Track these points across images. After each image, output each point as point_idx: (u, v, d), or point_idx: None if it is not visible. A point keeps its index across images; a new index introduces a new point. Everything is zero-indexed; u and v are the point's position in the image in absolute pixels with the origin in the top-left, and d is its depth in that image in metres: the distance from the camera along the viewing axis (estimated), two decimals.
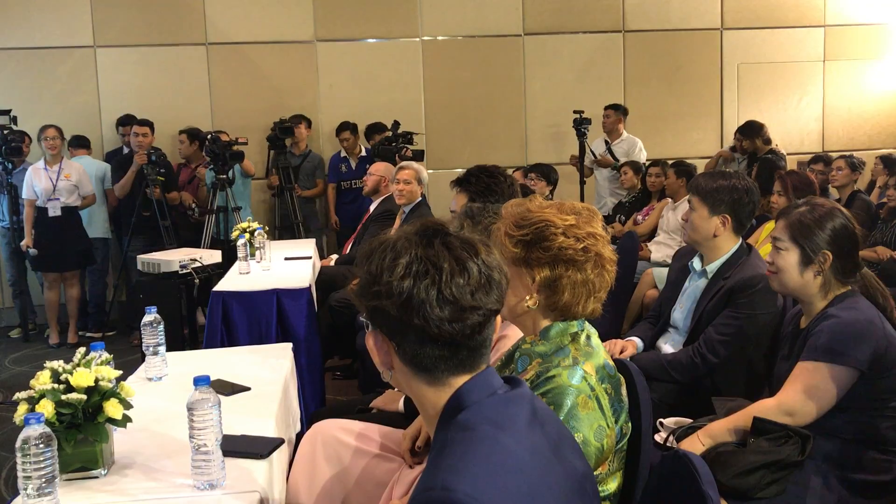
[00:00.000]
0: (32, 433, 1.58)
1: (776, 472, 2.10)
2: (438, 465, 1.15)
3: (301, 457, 2.41)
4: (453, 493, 1.08)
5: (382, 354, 1.29)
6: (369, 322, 1.29)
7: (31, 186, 6.27)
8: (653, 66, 7.96)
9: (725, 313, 2.79)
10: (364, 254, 1.29)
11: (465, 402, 1.23)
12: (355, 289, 1.29)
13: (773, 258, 2.33)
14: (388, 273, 1.22)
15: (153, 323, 2.63)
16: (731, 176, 2.93)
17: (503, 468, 1.14)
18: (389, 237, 1.28)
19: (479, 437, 1.17)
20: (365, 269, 1.26)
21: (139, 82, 7.34)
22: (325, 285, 5.34)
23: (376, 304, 1.23)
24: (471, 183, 2.77)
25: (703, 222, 2.87)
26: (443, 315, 1.20)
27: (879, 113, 8.30)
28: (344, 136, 7.32)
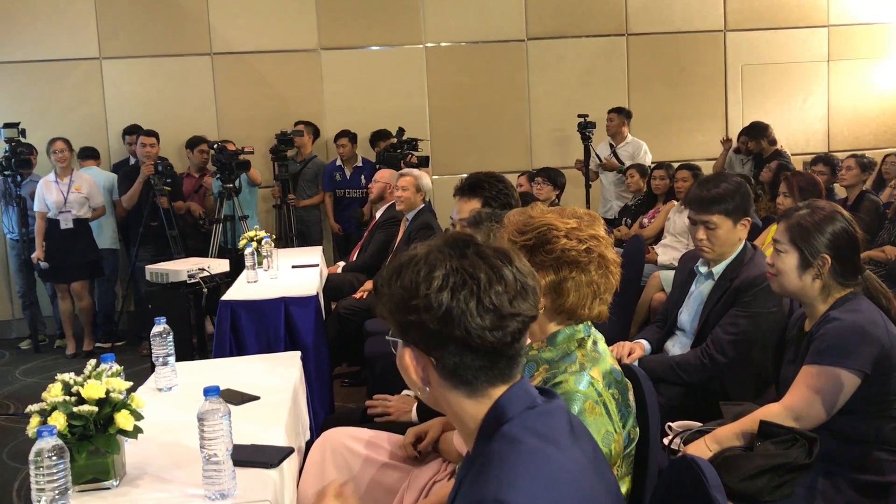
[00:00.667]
0: (45, 446, 1.60)
1: (783, 475, 2.10)
2: (487, 477, 1.14)
3: (311, 465, 2.43)
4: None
5: (419, 371, 1.27)
6: (402, 339, 1.27)
7: (43, 199, 6.33)
8: (656, 68, 7.97)
9: (732, 312, 2.80)
10: (392, 270, 1.27)
11: (507, 414, 1.23)
12: (387, 306, 1.27)
13: (774, 260, 2.34)
14: (424, 286, 1.21)
15: (162, 333, 2.65)
16: (726, 178, 2.96)
17: (555, 481, 1.15)
18: (418, 252, 1.26)
19: (527, 450, 1.17)
20: (397, 285, 1.24)
21: (145, 93, 7.39)
22: (332, 293, 5.37)
23: (414, 318, 1.21)
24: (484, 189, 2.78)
25: (731, 234, 2.87)
26: (484, 324, 1.20)
27: (884, 112, 8.28)
28: (341, 142, 7.27)
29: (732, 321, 2.79)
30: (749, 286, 2.78)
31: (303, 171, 7.37)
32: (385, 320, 1.30)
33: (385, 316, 1.28)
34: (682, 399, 2.84)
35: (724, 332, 2.79)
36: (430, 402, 1.32)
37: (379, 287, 1.29)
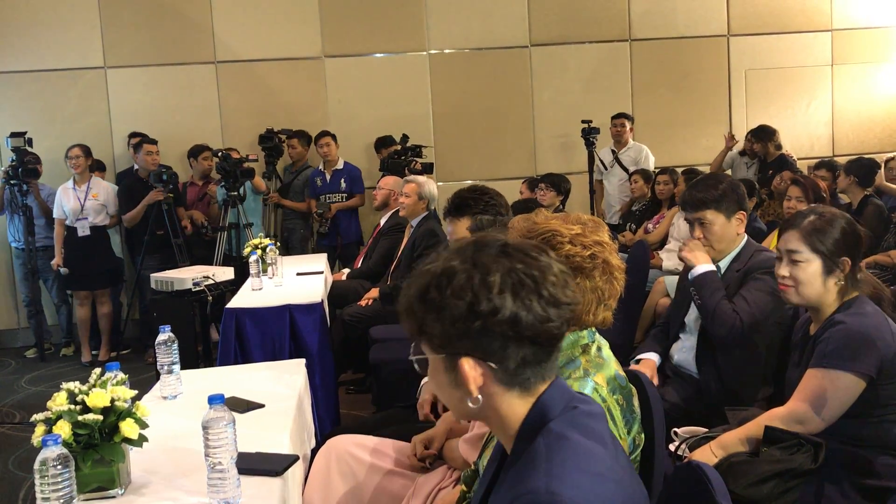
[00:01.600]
0: (50, 455, 1.60)
1: (789, 480, 2.10)
2: (536, 470, 1.15)
3: (316, 473, 2.43)
4: (559, 497, 1.09)
5: (478, 380, 1.24)
6: (455, 351, 1.23)
7: (61, 206, 6.39)
8: (660, 74, 7.97)
9: (748, 286, 2.79)
10: (426, 285, 1.24)
11: (552, 411, 1.24)
12: (438, 322, 1.22)
13: (791, 272, 2.28)
14: (485, 292, 1.20)
15: (167, 342, 2.66)
16: (719, 177, 3.02)
17: (602, 478, 1.15)
18: (449, 265, 1.24)
19: (576, 446, 1.18)
20: (449, 296, 1.21)
21: (150, 101, 7.41)
22: (337, 300, 5.37)
23: (479, 325, 1.20)
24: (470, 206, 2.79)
25: (726, 229, 2.89)
26: (547, 316, 1.21)
27: (889, 116, 8.27)
28: (324, 141, 7.14)
29: (749, 292, 2.77)
30: (758, 267, 2.80)
31: (293, 181, 7.33)
32: (421, 338, 1.26)
33: (430, 333, 1.24)
34: (687, 404, 2.83)
35: (743, 303, 2.76)
36: (470, 415, 1.30)
37: (413, 306, 1.25)
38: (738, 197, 2.90)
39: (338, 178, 7.15)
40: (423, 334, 1.26)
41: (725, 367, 2.85)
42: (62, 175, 6.67)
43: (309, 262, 5.69)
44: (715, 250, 2.91)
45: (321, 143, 7.17)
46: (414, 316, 1.26)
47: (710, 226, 2.89)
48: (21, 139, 6.41)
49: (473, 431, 2.24)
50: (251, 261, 4.77)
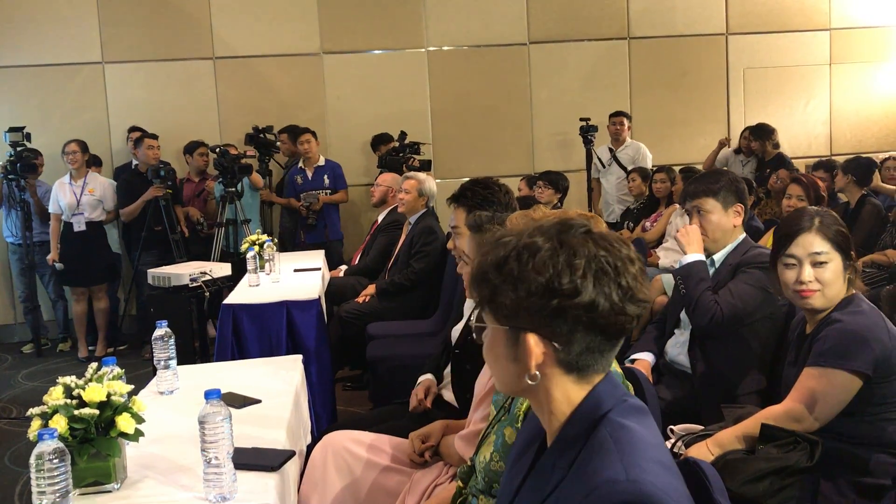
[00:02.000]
0: (46, 448, 1.60)
1: (785, 478, 2.09)
2: (609, 459, 1.14)
3: (312, 468, 2.43)
4: (643, 484, 1.09)
5: (539, 357, 1.23)
6: (523, 325, 1.22)
7: (57, 201, 6.37)
8: (658, 72, 7.97)
9: (737, 279, 2.80)
10: (507, 257, 1.22)
11: (607, 402, 1.23)
12: (514, 292, 1.21)
13: (818, 275, 2.25)
14: (568, 273, 1.19)
15: (164, 337, 2.65)
16: (721, 172, 3.02)
17: (669, 469, 1.16)
18: (532, 240, 1.23)
19: (641, 436, 1.18)
20: (530, 270, 1.20)
21: (148, 97, 7.40)
22: (334, 297, 5.37)
23: (556, 304, 1.19)
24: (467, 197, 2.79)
25: (723, 219, 2.89)
26: (622, 307, 1.21)
27: (887, 115, 8.28)
28: (304, 138, 7.03)
29: (736, 285, 2.78)
30: (750, 262, 2.80)
31: (285, 177, 7.29)
32: (489, 306, 1.25)
33: (501, 302, 1.23)
34: (682, 401, 2.83)
35: (728, 294, 2.77)
36: (520, 391, 1.28)
37: (489, 273, 1.23)
38: (737, 190, 2.91)
39: (320, 175, 7.08)
40: (491, 303, 1.25)
41: (716, 360, 2.85)
42: (59, 170, 6.66)
43: (306, 258, 5.68)
44: (710, 240, 2.92)
45: (301, 140, 7.06)
46: (487, 283, 1.24)
47: (708, 214, 2.90)
48: (19, 134, 6.39)
49: (469, 428, 2.24)
50: (248, 257, 4.76)
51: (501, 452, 1.76)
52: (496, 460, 1.77)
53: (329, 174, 7.11)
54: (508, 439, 1.75)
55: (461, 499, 1.94)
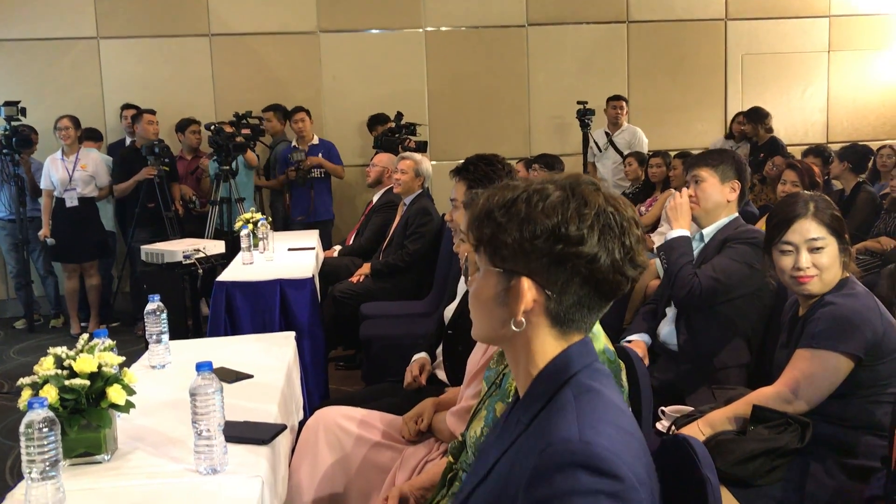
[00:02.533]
0: (36, 417, 1.59)
1: (776, 458, 2.11)
2: (568, 419, 1.14)
3: (303, 443, 2.43)
4: (594, 446, 1.09)
5: (529, 304, 1.22)
6: (520, 268, 1.20)
7: (49, 176, 6.34)
8: (657, 57, 7.95)
9: (720, 255, 2.82)
10: (516, 199, 1.21)
11: (576, 363, 1.23)
12: (517, 230, 1.19)
13: (815, 261, 2.24)
14: (576, 221, 1.19)
15: (156, 311, 2.65)
16: (727, 150, 3.08)
17: (629, 435, 1.16)
18: (543, 186, 1.22)
19: (605, 400, 1.18)
20: (539, 212, 1.19)
21: (143, 73, 7.35)
22: (328, 276, 5.36)
23: (559, 249, 1.18)
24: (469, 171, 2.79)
25: (715, 190, 2.90)
26: (621, 267, 1.20)
27: (884, 104, 8.28)
28: (299, 117, 7.02)
29: (719, 260, 2.81)
30: (738, 237, 2.82)
31: (270, 157, 7.22)
32: (486, 247, 1.23)
33: (501, 242, 1.21)
34: (674, 383, 2.84)
35: (710, 269, 2.80)
36: (499, 339, 1.27)
37: (493, 212, 1.21)
38: (738, 168, 2.93)
39: (314, 153, 7.03)
40: (490, 244, 1.23)
41: (699, 334, 2.87)
42: (52, 146, 6.61)
43: (300, 238, 5.67)
44: (702, 210, 2.92)
45: (296, 118, 7.04)
46: (491, 222, 1.22)
47: (703, 183, 2.92)
48: (14, 108, 6.34)
49: (461, 405, 2.25)
50: (242, 235, 4.75)
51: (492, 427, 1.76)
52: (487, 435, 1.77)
53: (323, 153, 7.07)
54: (499, 414, 1.75)
55: (451, 474, 1.94)
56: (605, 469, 1.08)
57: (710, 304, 2.81)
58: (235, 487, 1.77)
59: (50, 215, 6.39)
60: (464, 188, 2.74)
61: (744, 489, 2.10)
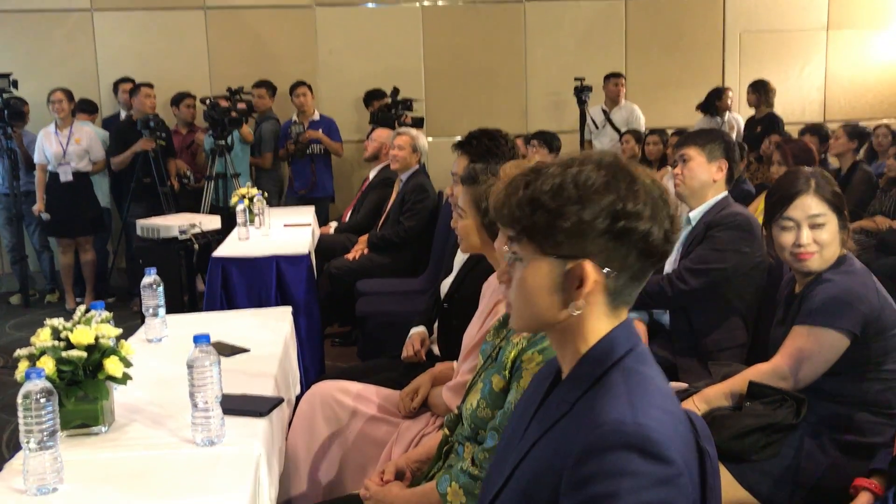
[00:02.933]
0: (34, 388, 1.59)
1: (771, 434, 2.12)
2: (618, 400, 1.14)
3: (300, 417, 2.44)
4: (648, 429, 1.09)
5: (590, 285, 1.20)
6: (579, 252, 1.18)
7: (42, 150, 6.29)
8: (655, 33, 7.90)
9: (700, 246, 2.84)
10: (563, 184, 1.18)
11: (622, 345, 1.22)
12: (578, 220, 1.17)
13: (815, 237, 2.23)
14: (632, 196, 1.19)
15: (153, 284, 2.64)
16: (717, 130, 3.06)
17: (675, 417, 1.17)
18: (582, 168, 1.20)
19: (653, 383, 1.19)
20: (593, 196, 1.17)
21: (137, 46, 7.28)
22: (324, 253, 5.35)
23: (621, 227, 1.18)
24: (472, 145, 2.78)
25: (701, 169, 2.89)
26: (667, 239, 1.21)
27: (882, 82, 8.25)
28: (300, 91, 6.95)
29: (697, 253, 2.82)
30: (718, 223, 2.81)
31: (260, 130, 7.12)
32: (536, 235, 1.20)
33: (557, 228, 1.18)
34: (670, 359, 2.85)
35: (690, 262, 2.82)
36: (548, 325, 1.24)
37: (542, 198, 1.18)
38: (726, 147, 2.91)
39: (314, 127, 6.98)
40: (541, 231, 1.20)
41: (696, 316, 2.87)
42: (45, 119, 6.56)
43: (296, 214, 5.65)
44: (687, 188, 2.92)
45: (297, 93, 6.97)
46: (541, 209, 1.19)
47: (689, 162, 2.91)
48: (6, 81, 6.29)
49: (457, 379, 2.25)
50: (238, 210, 4.73)
51: (489, 400, 1.77)
52: (483, 407, 1.78)
53: (324, 129, 7.03)
54: (496, 387, 1.75)
55: (447, 446, 1.95)
56: (656, 452, 1.08)
57: (703, 298, 2.81)
58: (233, 459, 1.78)
59: (44, 190, 6.35)
60: (465, 162, 2.73)
61: (738, 464, 2.12)
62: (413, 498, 1.87)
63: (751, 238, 2.75)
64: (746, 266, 2.79)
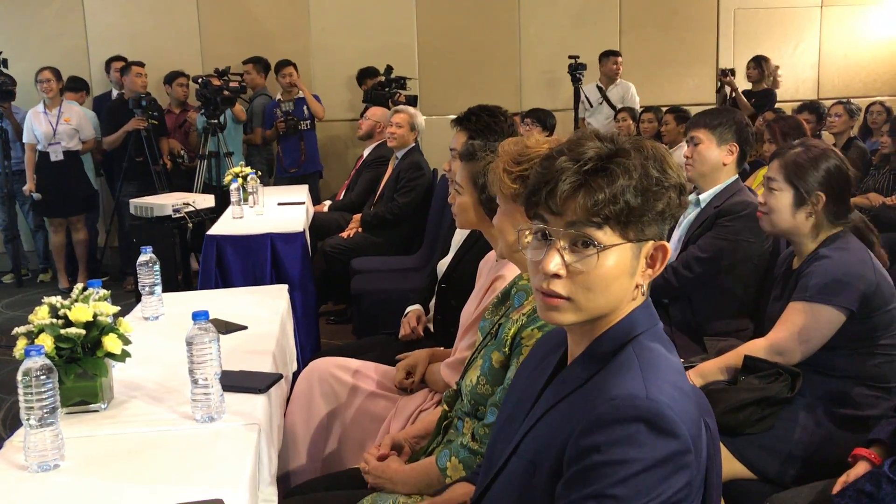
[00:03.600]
0: (33, 365, 1.59)
1: (766, 408, 2.14)
2: (633, 375, 1.14)
3: (298, 394, 2.44)
4: (660, 405, 1.10)
5: (659, 266, 1.22)
6: (650, 237, 1.19)
7: (31, 130, 6.25)
8: (649, 11, 7.86)
9: (707, 234, 2.85)
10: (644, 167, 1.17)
11: (642, 325, 1.22)
12: (662, 206, 1.17)
13: (766, 199, 2.33)
14: (674, 170, 1.20)
15: (149, 263, 2.63)
16: (730, 111, 3.02)
17: (687, 396, 1.17)
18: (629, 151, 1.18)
19: (667, 360, 1.19)
20: (667, 180, 1.18)
21: (128, 25, 7.22)
22: (318, 231, 5.35)
23: (681, 202, 1.20)
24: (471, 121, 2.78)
25: (712, 153, 2.89)
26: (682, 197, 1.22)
27: (875, 59, 8.24)
28: (286, 71, 6.90)
29: (705, 241, 2.84)
30: (728, 212, 2.82)
31: (250, 108, 7.09)
32: (620, 225, 1.16)
33: (646, 215, 1.17)
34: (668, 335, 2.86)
35: (696, 249, 2.84)
36: (614, 309, 1.21)
37: (639, 184, 1.16)
38: (738, 130, 2.89)
39: (300, 106, 6.94)
40: (630, 219, 1.16)
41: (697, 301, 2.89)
42: (34, 98, 6.50)
43: (290, 192, 5.64)
44: (697, 171, 2.93)
45: (284, 72, 6.90)
46: (635, 195, 1.16)
47: (699, 146, 2.91)
48: None
49: (455, 356, 2.26)
50: (232, 189, 4.72)
51: (488, 376, 1.77)
52: (483, 384, 1.79)
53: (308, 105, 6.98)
54: (496, 363, 1.76)
55: (447, 422, 1.96)
56: (667, 428, 1.09)
57: (707, 284, 2.84)
58: (232, 435, 1.79)
59: (34, 169, 6.31)
60: (464, 138, 2.73)
61: (733, 437, 2.14)
62: (413, 473, 1.89)
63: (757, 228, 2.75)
64: (754, 255, 2.81)
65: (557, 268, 1.18)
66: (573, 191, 1.17)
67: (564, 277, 1.18)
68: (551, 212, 1.19)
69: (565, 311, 1.20)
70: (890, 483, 1.71)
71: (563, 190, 1.17)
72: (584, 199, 1.16)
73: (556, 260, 1.18)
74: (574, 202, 1.17)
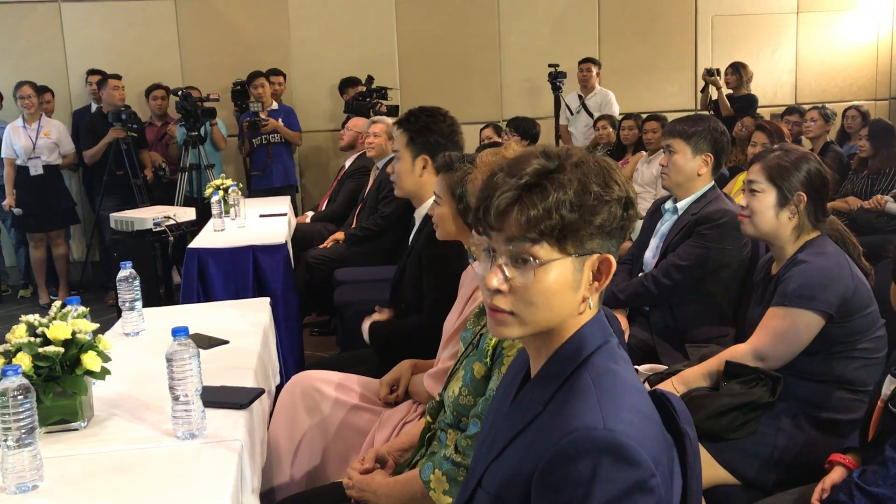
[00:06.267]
0: (10, 385, 1.57)
1: (748, 413, 2.15)
2: (588, 404, 1.13)
3: (281, 408, 2.43)
4: (619, 434, 1.09)
5: (605, 280, 1.20)
6: (594, 251, 1.18)
7: (10, 145, 6.19)
8: (628, 18, 7.92)
9: (686, 242, 2.87)
10: (585, 180, 1.16)
11: (593, 342, 1.21)
12: (602, 218, 1.16)
13: (748, 202, 2.34)
14: (623, 183, 1.20)
15: (129, 278, 2.61)
16: (706, 118, 3.01)
17: (647, 418, 1.16)
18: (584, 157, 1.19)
19: (623, 383, 1.17)
20: (610, 192, 1.17)
21: (107, 37, 7.18)
22: (301, 242, 5.33)
23: (628, 215, 1.19)
24: (410, 122, 2.80)
25: (687, 162, 2.91)
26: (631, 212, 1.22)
27: (851, 65, 8.34)
28: (258, 82, 6.81)
29: (684, 249, 2.86)
30: (707, 220, 2.84)
31: None
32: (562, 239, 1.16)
33: (586, 228, 1.16)
34: (649, 342, 2.88)
35: (676, 258, 2.86)
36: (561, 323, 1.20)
37: (571, 200, 1.14)
38: (713, 139, 2.91)
39: (274, 118, 6.90)
40: (567, 233, 1.16)
41: (678, 308, 2.91)
42: (12, 112, 6.45)
43: (272, 204, 5.62)
44: (672, 181, 2.95)
45: (256, 83, 6.85)
46: (570, 210, 1.15)
47: (674, 155, 2.93)
48: None
49: (438, 366, 2.26)
50: (213, 201, 4.69)
51: (470, 387, 1.77)
52: (465, 394, 1.79)
53: (283, 117, 6.97)
54: (477, 374, 1.76)
55: (430, 433, 1.96)
56: (627, 457, 1.08)
57: (687, 291, 2.87)
58: (214, 452, 1.77)
59: (13, 185, 6.26)
60: (404, 139, 2.77)
61: (716, 443, 2.15)
62: (396, 485, 1.88)
63: (736, 235, 2.78)
64: (733, 262, 2.83)
65: (499, 283, 1.18)
66: (507, 206, 1.17)
67: (507, 293, 1.19)
68: (492, 227, 1.19)
69: (511, 325, 1.20)
70: (860, 490, 1.73)
71: (499, 205, 1.17)
72: (518, 214, 1.16)
73: (498, 276, 1.19)
74: (510, 218, 1.17)
